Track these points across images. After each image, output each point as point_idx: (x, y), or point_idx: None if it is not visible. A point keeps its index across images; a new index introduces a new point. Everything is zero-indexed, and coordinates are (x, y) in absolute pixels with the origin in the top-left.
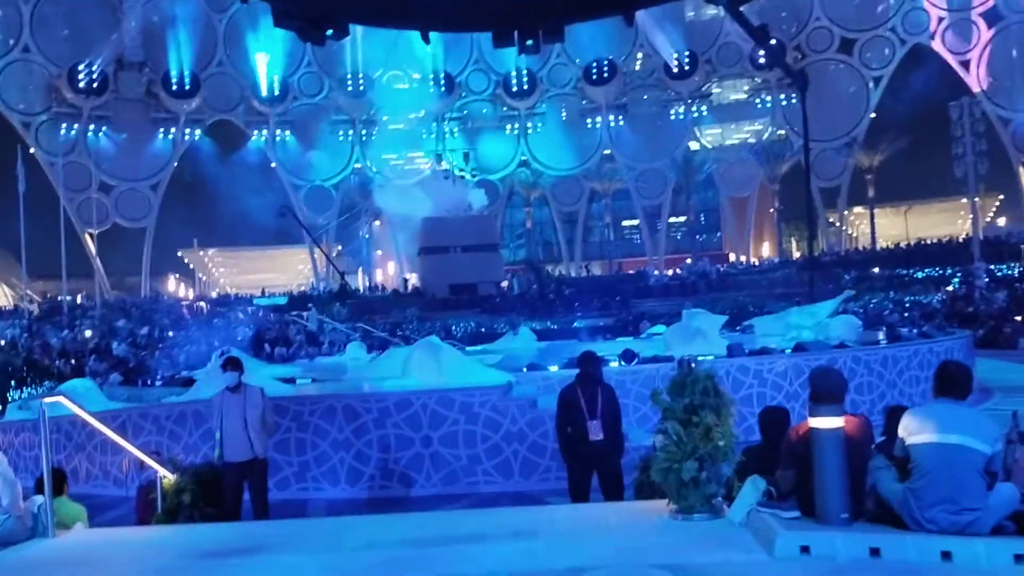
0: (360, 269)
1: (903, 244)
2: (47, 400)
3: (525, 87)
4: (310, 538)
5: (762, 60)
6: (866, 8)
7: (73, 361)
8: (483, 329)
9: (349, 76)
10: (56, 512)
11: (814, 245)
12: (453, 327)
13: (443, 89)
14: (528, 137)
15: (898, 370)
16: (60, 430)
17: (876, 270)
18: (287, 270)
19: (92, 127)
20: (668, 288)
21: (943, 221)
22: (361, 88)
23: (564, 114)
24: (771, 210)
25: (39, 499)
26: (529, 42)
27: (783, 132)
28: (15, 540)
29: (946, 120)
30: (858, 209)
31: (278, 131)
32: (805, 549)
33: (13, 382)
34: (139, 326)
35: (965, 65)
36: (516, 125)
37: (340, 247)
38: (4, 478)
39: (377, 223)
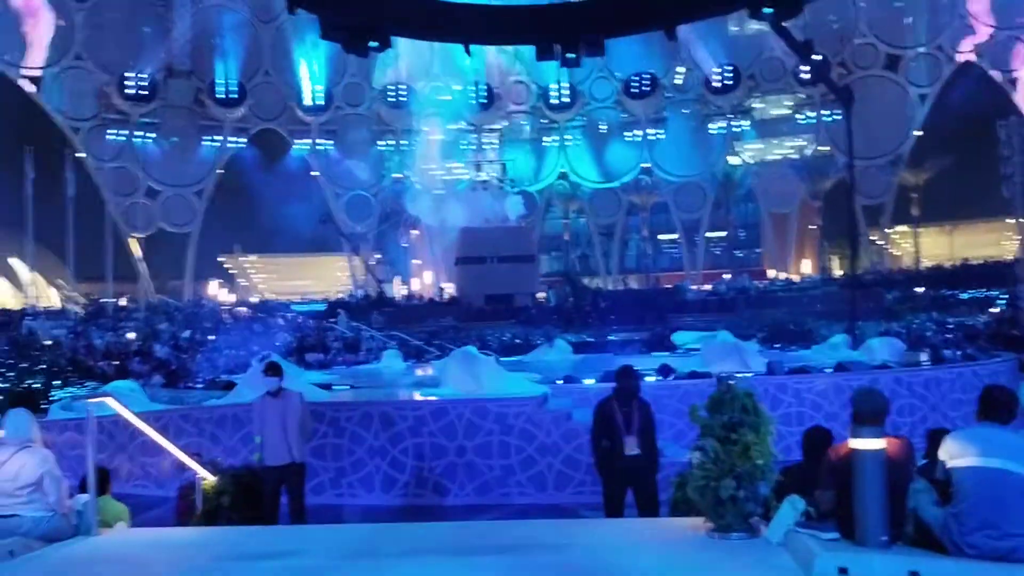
0: (397, 278)
1: (947, 264)
2: (93, 400)
3: (565, 100)
4: (347, 544)
5: (806, 76)
6: (913, 25)
7: (116, 362)
8: (518, 340)
9: (391, 87)
10: (99, 511)
11: (856, 264)
12: (488, 337)
13: (483, 101)
14: (567, 149)
15: (941, 392)
16: (103, 430)
17: (920, 290)
18: (326, 277)
19: (140, 133)
20: (706, 303)
21: (989, 241)
22: (403, 98)
23: (603, 127)
24: (812, 227)
25: (84, 497)
26: (570, 55)
27: (826, 148)
28: (60, 537)
29: (993, 139)
30: (902, 228)
31: (320, 140)
32: (843, 571)
33: (58, 382)
34: (181, 329)
35: (1013, 83)
36: (555, 137)
37: (378, 256)
38: (52, 476)
39: (415, 232)
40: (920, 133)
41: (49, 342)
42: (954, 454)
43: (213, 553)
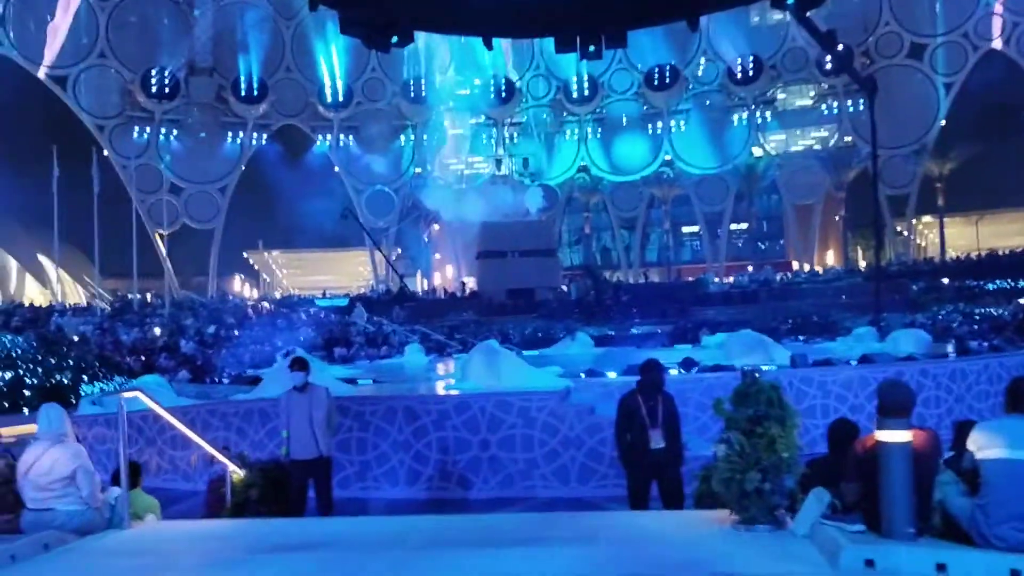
0: (419, 272)
1: (973, 254)
2: (124, 395)
3: (586, 92)
4: (373, 536)
5: (829, 65)
6: (937, 12)
7: (143, 358)
8: (540, 334)
9: (411, 81)
10: (130, 504)
11: (881, 255)
12: (510, 331)
13: (504, 94)
14: (588, 142)
15: (967, 384)
16: (132, 425)
17: (945, 281)
18: (348, 272)
19: (164, 131)
20: (729, 296)
21: (1015, 231)
22: (423, 93)
23: (625, 119)
24: (837, 218)
25: (116, 491)
26: (591, 48)
27: (850, 139)
28: (93, 530)
29: (1019, 127)
30: (927, 218)
31: (342, 136)
32: (870, 563)
33: (86, 377)
34: (206, 325)
35: None
36: (576, 130)
37: (400, 250)
38: (85, 470)
39: (436, 227)
40: (945, 122)
41: (77, 338)
42: (982, 445)
43: (243, 545)
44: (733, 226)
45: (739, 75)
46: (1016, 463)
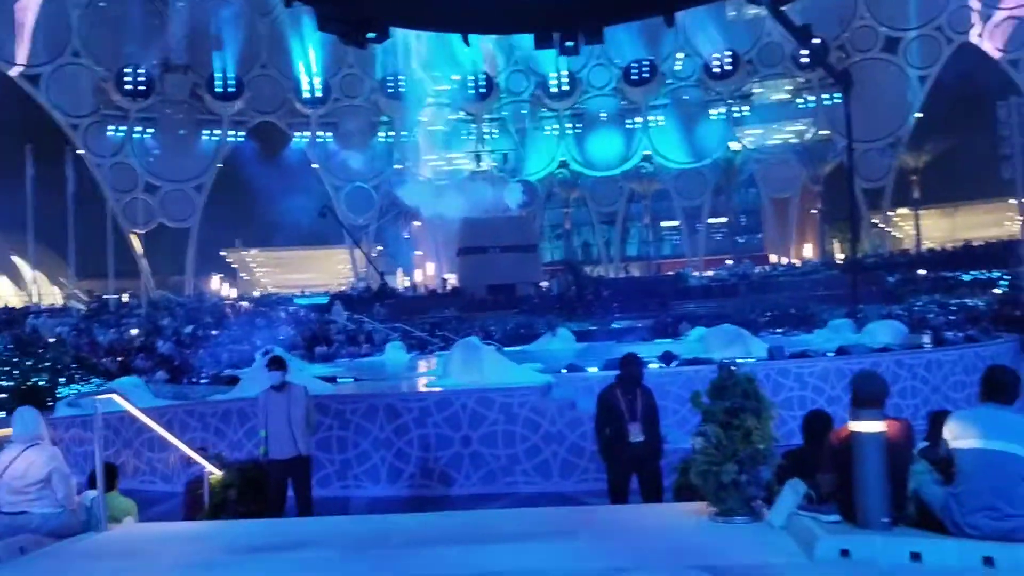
0: (400, 269)
1: (949, 246)
2: (100, 397)
3: (565, 88)
4: (354, 535)
5: (805, 60)
6: (911, 6)
7: (120, 359)
8: (521, 330)
9: (389, 78)
10: (107, 506)
11: (857, 247)
12: (492, 327)
13: (482, 90)
14: (567, 138)
15: (943, 374)
16: (109, 427)
17: (921, 272)
18: (328, 270)
19: (139, 129)
20: (708, 290)
21: (990, 222)
22: (401, 89)
23: (604, 115)
24: (813, 211)
25: (92, 493)
26: (569, 44)
27: (826, 132)
28: (69, 533)
29: (994, 120)
30: (903, 210)
31: (319, 132)
32: (845, 553)
33: (63, 379)
34: (183, 325)
35: (1014, 64)
36: (555, 126)
37: (380, 247)
38: (60, 473)
39: (416, 224)
40: (920, 115)
41: (53, 340)
42: (957, 435)
43: (221, 546)
44: (712, 220)
45: (716, 70)
46: (989, 453)
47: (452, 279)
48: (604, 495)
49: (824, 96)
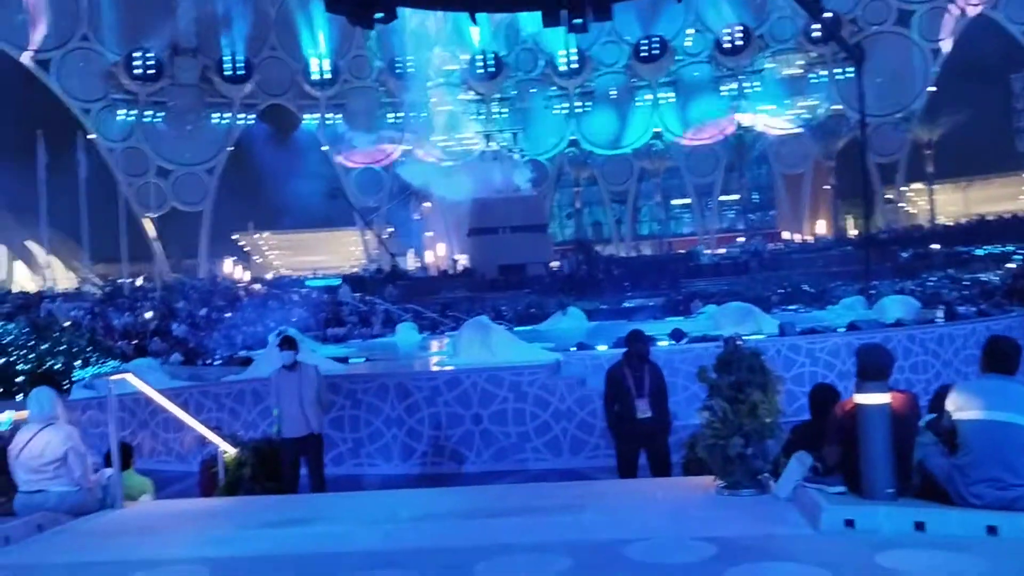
0: (411, 251)
1: (963, 221)
2: (114, 378)
3: (574, 66)
4: (366, 510)
5: (817, 34)
6: None
7: (135, 342)
8: (532, 309)
9: (398, 58)
10: (123, 485)
11: (870, 223)
12: (503, 307)
13: (491, 70)
14: (577, 116)
15: (954, 349)
16: (124, 408)
17: (935, 247)
18: (339, 252)
19: (149, 113)
20: (720, 267)
21: (1004, 196)
22: (410, 70)
23: (613, 93)
24: (826, 187)
25: (108, 472)
26: (577, 21)
27: (839, 107)
28: (86, 511)
29: (1008, 93)
30: (916, 185)
31: (329, 114)
32: (850, 523)
33: (79, 362)
34: (197, 308)
35: None
36: (565, 105)
37: (391, 229)
38: (76, 452)
39: (427, 205)
40: (933, 89)
41: (68, 323)
42: (960, 406)
43: (236, 522)
44: (723, 197)
45: (727, 46)
46: (993, 423)
47: (463, 260)
48: (614, 471)
49: (837, 71)
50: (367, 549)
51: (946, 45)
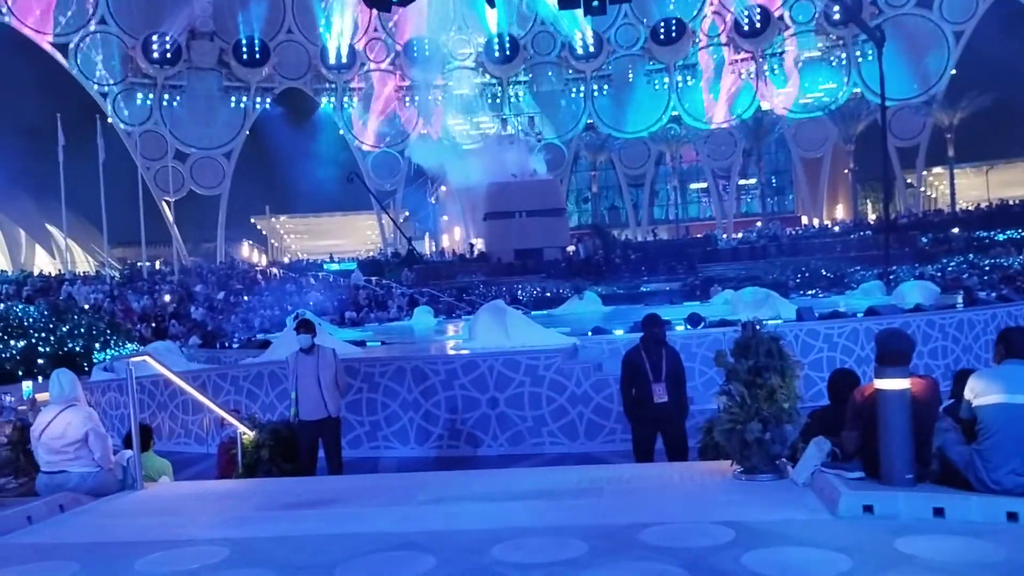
0: (427, 235)
1: (984, 205)
2: (134, 360)
3: (591, 49)
4: (382, 492)
5: (837, 16)
6: None
7: (154, 325)
8: (548, 294)
9: (415, 41)
10: (143, 466)
11: (890, 207)
12: (519, 291)
13: (508, 53)
14: (594, 100)
15: (974, 334)
16: (144, 390)
17: (955, 231)
18: (356, 236)
19: (167, 97)
20: (737, 252)
21: None
22: (426, 53)
23: (631, 75)
24: (846, 171)
25: (128, 453)
26: (595, 3)
27: (858, 90)
28: (107, 491)
29: None
30: (937, 169)
31: (345, 98)
32: (868, 508)
33: (98, 344)
34: (215, 291)
35: None
36: (582, 88)
37: (407, 213)
38: (96, 433)
39: (443, 189)
40: (955, 72)
41: (88, 306)
42: (979, 392)
43: (255, 503)
44: (741, 181)
45: (746, 28)
46: (1013, 407)
47: (479, 244)
48: (630, 456)
49: (857, 53)
50: (384, 530)
51: (968, 27)
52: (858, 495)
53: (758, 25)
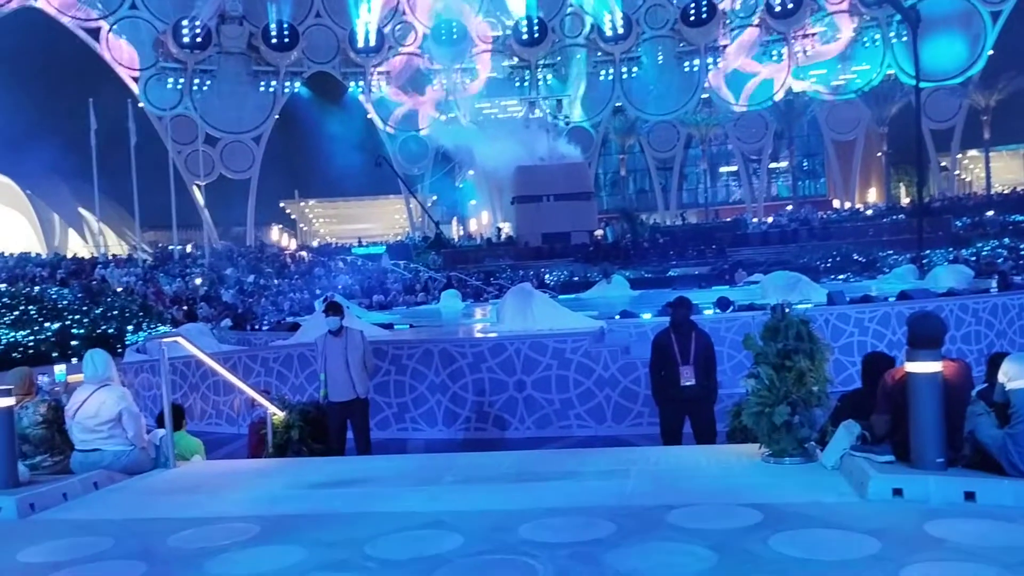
0: (455, 219)
1: (1019, 189)
2: (166, 340)
3: (620, 31)
4: (410, 472)
5: None
6: None
7: (185, 307)
8: (576, 278)
9: (441, 25)
10: (176, 445)
11: (924, 191)
12: (547, 275)
13: (536, 35)
14: (623, 82)
15: (1008, 319)
16: (175, 371)
17: (990, 214)
18: (384, 220)
19: (197, 81)
20: (767, 236)
21: None
22: (454, 36)
23: (660, 57)
24: (879, 154)
25: (161, 432)
26: None
27: (892, 72)
28: (140, 470)
29: None
30: (972, 152)
31: (374, 82)
32: (898, 492)
33: (131, 327)
34: (245, 274)
35: None
36: (611, 70)
37: (435, 197)
38: (130, 412)
39: (471, 173)
40: (992, 53)
41: (120, 289)
42: (1013, 376)
43: (285, 482)
44: (772, 165)
45: (778, 8)
46: None
47: (507, 228)
48: (657, 439)
49: (891, 34)
50: (412, 510)
51: (1006, 7)
52: (888, 478)
53: (790, 5)
